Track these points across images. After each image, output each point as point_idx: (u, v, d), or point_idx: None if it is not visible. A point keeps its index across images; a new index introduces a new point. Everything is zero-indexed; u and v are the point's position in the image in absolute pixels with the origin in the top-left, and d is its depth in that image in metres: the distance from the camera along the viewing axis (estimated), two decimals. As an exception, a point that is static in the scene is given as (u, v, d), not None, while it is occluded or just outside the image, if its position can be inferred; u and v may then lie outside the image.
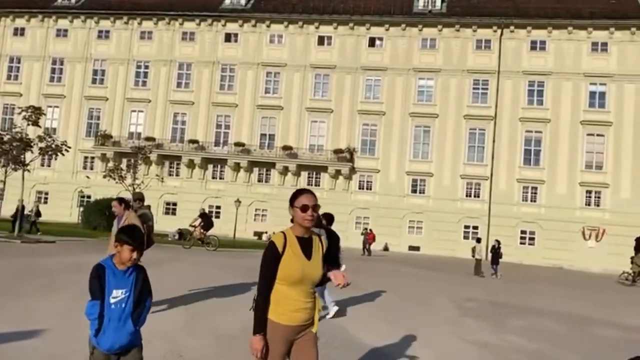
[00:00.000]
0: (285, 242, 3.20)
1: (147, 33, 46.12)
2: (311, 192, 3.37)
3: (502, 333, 8.81)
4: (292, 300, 3.17)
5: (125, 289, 3.29)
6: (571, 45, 40.51)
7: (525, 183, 40.23)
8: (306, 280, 3.20)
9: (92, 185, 42.72)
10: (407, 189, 41.42)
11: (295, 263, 3.16)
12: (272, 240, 3.24)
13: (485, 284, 19.11)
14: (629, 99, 39.43)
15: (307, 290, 3.23)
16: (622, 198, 38.70)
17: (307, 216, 3.23)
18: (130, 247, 3.28)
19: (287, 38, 44.26)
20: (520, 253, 38.32)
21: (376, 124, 42.56)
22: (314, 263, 3.24)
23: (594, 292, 20.50)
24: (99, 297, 3.23)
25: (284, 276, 3.16)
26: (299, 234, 3.26)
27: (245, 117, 44.10)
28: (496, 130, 40.85)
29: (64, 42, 47.08)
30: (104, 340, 3.22)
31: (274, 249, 3.18)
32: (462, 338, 8.05)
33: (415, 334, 7.77)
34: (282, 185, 42.76)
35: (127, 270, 3.32)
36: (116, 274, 3.29)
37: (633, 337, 9.88)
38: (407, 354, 6.58)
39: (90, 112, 46.47)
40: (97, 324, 3.22)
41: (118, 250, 3.32)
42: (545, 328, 9.95)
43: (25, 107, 22.98)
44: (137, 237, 3.35)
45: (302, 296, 3.20)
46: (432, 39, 42.48)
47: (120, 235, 3.35)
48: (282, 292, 3.17)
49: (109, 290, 3.25)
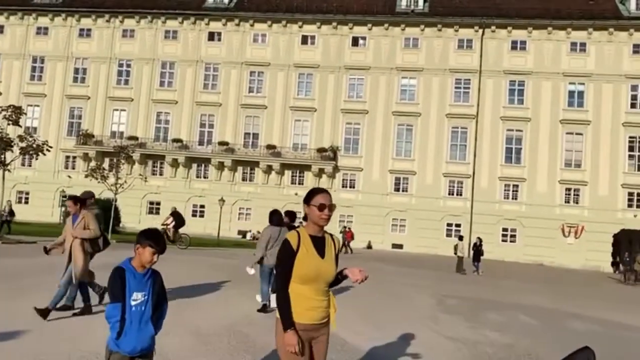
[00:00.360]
0: (299, 241, 3.24)
1: (130, 31, 45.79)
2: (327, 191, 3.40)
3: (478, 328, 9.06)
4: (307, 299, 3.19)
5: (145, 292, 3.30)
6: (551, 45, 41.15)
7: (506, 181, 40.79)
8: (321, 278, 3.23)
9: (73, 185, 42.23)
10: (390, 187, 41.74)
11: (309, 261, 3.20)
12: (286, 238, 3.29)
13: (466, 281, 19.44)
14: (607, 99, 40.18)
15: (322, 288, 3.26)
16: (600, 195, 39.44)
17: (323, 215, 3.28)
18: (153, 250, 3.29)
19: (271, 37, 44.29)
20: (501, 250, 38.88)
21: (359, 123, 42.81)
22: (327, 261, 3.27)
23: (572, 288, 20.96)
24: (120, 300, 3.23)
25: (299, 274, 3.19)
26: (313, 233, 3.31)
27: (229, 116, 44.05)
28: (478, 128, 41.34)
29: (44, 40, 46.55)
30: (125, 342, 3.22)
31: (288, 247, 3.22)
32: (440, 334, 8.27)
33: (394, 331, 7.97)
34: (266, 184, 42.84)
35: (146, 273, 3.34)
36: (136, 276, 3.30)
37: (604, 330, 10.21)
38: (384, 350, 6.76)
39: (72, 111, 46.02)
40: (118, 326, 3.22)
41: (139, 253, 3.31)
42: (520, 322, 10.23)
43: (5, 106, 22.76)
44: (161, 241, 3.36)
45: (317, 294, 3.23)
46: (414, 38, 42.83)
47: (143, 238, 3.33)
48: (297, 290, 3.19)
49: (129, 292, 3.24)
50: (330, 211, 3.30)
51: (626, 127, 39.68)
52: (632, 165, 39.67)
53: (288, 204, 42.33)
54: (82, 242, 7.32)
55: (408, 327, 8.44)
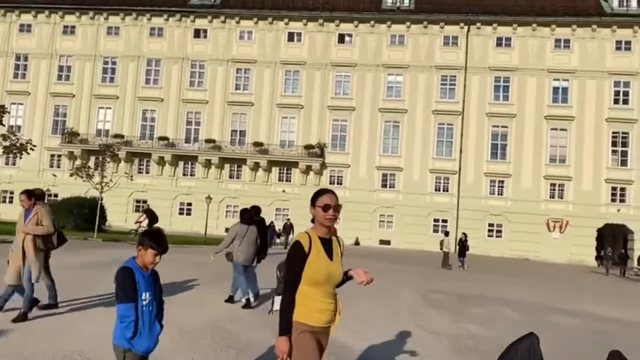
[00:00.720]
0: (311, 243, 3.18)
1: (114, 28, 45.42)
2: (332, 192, 3.34)
3: (461, 322, 9.18)
4: (317, 302, 3.15)
5: (150, 292, 3.31)
6: (535, 42, 41.51)
7: (492, 177, 41.13)
8: (330, 281, 3.19)
9: (59, 183, 41.95)
10: (377, 184, 41.91)
11: (320, 264, 3.15)
12: (297, 240, 3.21)
13: (451, 276, 19.62)
14: (590, 94, 40.65)
15: (330, 291, 3.22)
16: (584, 190, 39.93)
17: (328, 215, 3.22)
18: (155, 252, 3.29)
19: (257, 34, 44.18)
20: (487, 245, 39.23)
21: (346, 120, 42.89)
22: (335, 263, 3.23)
23: (556, 282, 21.24)
24: (134, 300, 3.20)
25: (310, 277, 3.13)
26: (321, 234, 3.26)
27: (216, 114, 43.90)
28: (464, 125, 41.62)
29: (27, 38, 46.01)
30: (140, 343, 3.21)
31: (300, 249, 3.15)
32: (424, 328, 8.37)
33: (379, 326, 8.06)
34: (253, 181, 42.80)
35: (150, 272, 3.36)
36: (144, 276, 3.31)
37: (585, 323, 10.39)
38: (366, 346, 6.84)
39: (57, 109, 45.57)
40: (133, 326, 3.19)
41: (141, 254, 3.31)
42: (503, 316, 10.38)
43: (-12, 105, 22.51)
44: (163, 243, 3.34)
45: (326, 297, 3.19)
46: (400, 35, 42.98)
47: (145, 239, 3.32)
48: (306, 293, 3.14)
49: (140, 292, 3.24)
50: (336, 211, 3.24)
51: (609, 122, 40.18)
52: (615, 161, 40.20)
53: (276, 201, 42.44)
54: (34, 238, 6.92)
55: (392, 322, 8.53)
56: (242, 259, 9.08)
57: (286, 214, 40.49)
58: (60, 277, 10.94)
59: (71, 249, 18.07)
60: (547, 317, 10.78)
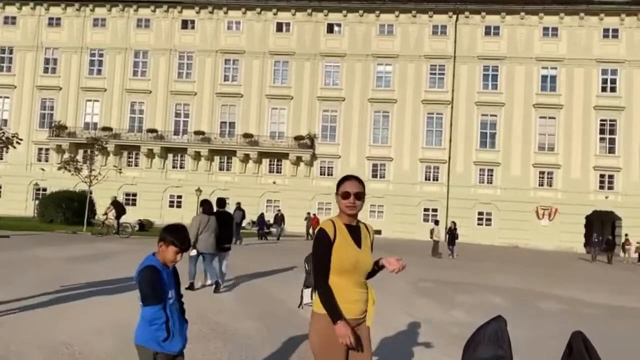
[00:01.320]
0: (335, 230, 3.04)
1: (101, 20, 44.92)
2: (356, 178, 3.15)
3: (449, 310, 9.27)
4: (347, 292, 3.00)
5: (173, 290, 3.14)
6: (524, 30, 41.59)
7: (481, 165, 41.33)
8: (359, 269, 3.05)
9: (47, 177, 41.64)
10: (367, 174, 41.92)
11: (347, 251, 3.01)
12: (321, 227, 3.07)
13: (441, 264, 19.76)
14: (579, 82, 40.85)
15: (361, 280, 3.08)
16: (572, 178, 40.25)
17: (348, 203, 3.06)
18: (177, 249, 3.09)
19: (245, 25, 43.89)
20: (477, 234, 39.51)
21: (336, 110, 42.84)
22: (364, 251, 3.09)
23: (544, 269, 21.46)
24: (163, 300, 3.00)
25: (337, 265, 2.99)
26: (346, 222, 3.10)
27: (205, 105, 43.67)
28: (453, 114, 41.72)
29: (12, 30, 45.40)
30: (174, 344, 3.05)
31: (324, 237, 3.01)
32: (412, 315, 8.45)
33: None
34: (243, 173, 42.71)
35: (171, 269, 3.18)
36: (168, 274, 3.12)
37: (571, 308, 10.53)
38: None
39: (43, 103, 45.10)
40: (165, 328, 3.01)
41: (162, 250, 3.11)
42: (491, 303, 10.48)
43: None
44: (186, 239, 3.17)
45: (355, 286, 3.05)
46: (389, 24, 42.88)
47: (167, 235, 3.12)
48: (335, 283, 2.99)
49: (166, 291, 3.06)
50: (358, 199, 3.06)
51: (597, 110, 40.45)
52: (603, 148, 40.53)
53: (266, 193, 42.41)
54: None
55: (381, 310, 8.56)
56: (203, 247, 9.52)
57: (277, 205, 40.48)
58: (47, 270, 10.94)
59: (60, 243, 18.03)
60: (534, 303, 10.90)
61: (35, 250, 14.90)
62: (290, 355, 5.69)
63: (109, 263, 12.79)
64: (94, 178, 27.10)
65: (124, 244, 19.42)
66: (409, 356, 6.02)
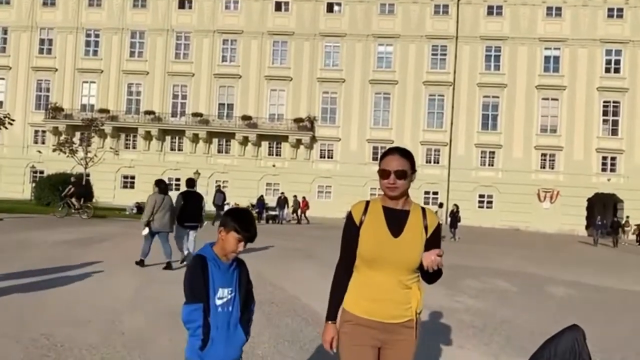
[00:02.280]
0: (366, 212, 2.59)
1: (96, 0, 44.08)
2: (400, 151, 2.62)
3: (455, 295, 8.94)
4: (370, 288, 2.52)
5: (231, 288, 2.63)
6: (527, 10, 40.83)
7: (483, 148, 40.89)
8: (389, 262, 2.49)
9: (44, 160, 41.17)
10: (368, 157, 41.52)
11: (372, 237, 2.53)
12: (350, 210, 2.68)
13: (443, 248, 19.43)
14: (582, 63, 40.23)
15: (397, 277, 2.50)
16: (575, 160, 39.85)
17: (387, 184, 2.56)
18: (239, 237, 2.59)
19: (243, 4, 43.05)
20: (478, 216, 39.21)
21: (336, 92, 42.25)
22: (403, 242, 2.51)
23: (547, 252, 21.18)
24: (203, 299, 2.52)
25: (359, 254, 2.56)
26: (387, 204, 2.60)
27: (203, 87, 43.04)
28: (455, 96, 41.15)
29: (6, 10, 44.52)
30: (212, 354, 2.52)
31: (349, 219, 2.61)
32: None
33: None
34: (242, 155, 42.24)
35: (232, 263, 2.65)
36: (221, 267, 2.61)
37: (580, 294, 10.21)
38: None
39: (39, 84, 44.43)
40: (201, 333, 2.52)
41: (222, 238, 2.62)
42: (497, 288, 10.16)
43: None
44: (252, 226, 2.65)
45: (387, 283, 2.50)
46: (390, 4, 42.07)
47: (229, 219, 2.62)
48: (362, 274, 2.56)
49: (214, 289, 2.56)
50: (400, 178, 2.53)
51: (600, 91, 39.90)
52: (606, 130, 40.06)
53: (266, 176, 42.02)
54: None
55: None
56: (158, 225, 9.87)
57: (277, 188, 40.07)
58: (32, 254, 10.54)
59: (54, 226, 17.67)
60: (542, 288, 10.58)
61: (24, 234, 14.53)
62: (292, 345, 5.34)
63: (97, 247, 12.41)
64: (90, 160, 26.69)
65: (120, 227, 19.07)
66: (419, 349, 5.67)
